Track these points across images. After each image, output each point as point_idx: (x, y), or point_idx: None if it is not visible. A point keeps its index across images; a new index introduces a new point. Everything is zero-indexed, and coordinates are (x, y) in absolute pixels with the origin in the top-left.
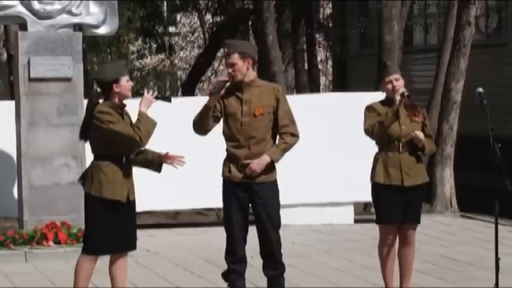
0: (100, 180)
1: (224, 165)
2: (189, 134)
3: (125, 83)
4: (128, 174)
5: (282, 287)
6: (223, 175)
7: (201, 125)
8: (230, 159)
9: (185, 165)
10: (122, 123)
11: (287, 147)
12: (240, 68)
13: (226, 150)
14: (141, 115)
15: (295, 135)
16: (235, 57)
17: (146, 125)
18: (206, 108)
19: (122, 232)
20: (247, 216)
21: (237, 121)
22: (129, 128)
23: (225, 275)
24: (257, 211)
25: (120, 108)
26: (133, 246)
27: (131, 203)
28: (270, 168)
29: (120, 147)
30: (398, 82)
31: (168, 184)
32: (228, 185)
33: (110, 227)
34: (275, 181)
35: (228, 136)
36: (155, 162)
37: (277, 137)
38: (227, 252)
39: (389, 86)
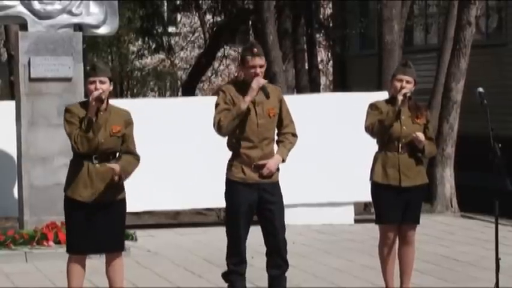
0: (67, 178)
1: (234, 166)
2: (190, 134)
3: (88, 85)
4: (100, 176)
5: (283, 286)
6: (234, 177)
7: (230, 128)
8: (242, 161)
9: (185, 165)
10: (74, 123)
11: (292, 147)
12: (263, 71)
13: (236, 151)
14: (85, 120)
15: (295, 135)
16: (263, 60)
17: (87, 130)
18: (242, 113)
19: (95, 233)
20: (253, 217)
21: (253, 122)
22: (75, 130)
23: (225, 276)
24: (268, 209)
25: (86, 108)
26: (116, 247)
27: (106, 204)
28: (277, 168)
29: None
30: (408, 85)
31: (168, 184)
32: (240, 187)
33: (77, 226)
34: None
35: (241, 137)
36: None
37: (277, 136)
38: (230, 254)
39: (398, 84)
